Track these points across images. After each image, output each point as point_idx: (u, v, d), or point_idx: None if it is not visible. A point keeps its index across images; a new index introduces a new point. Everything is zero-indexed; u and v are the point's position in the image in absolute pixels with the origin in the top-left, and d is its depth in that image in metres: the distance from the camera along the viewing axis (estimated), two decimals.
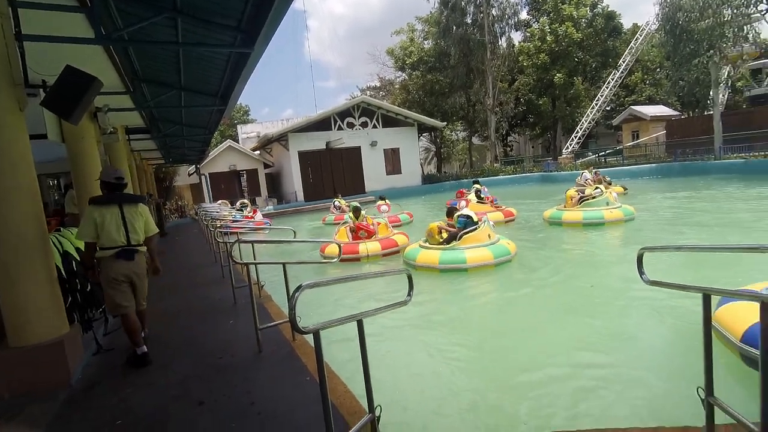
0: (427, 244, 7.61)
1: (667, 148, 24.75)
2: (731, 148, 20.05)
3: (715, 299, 3.45)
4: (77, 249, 4.13)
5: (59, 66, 3.51)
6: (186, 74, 6.48)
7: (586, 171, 15.64)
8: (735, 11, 19.08)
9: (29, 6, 3.27)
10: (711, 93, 22.25)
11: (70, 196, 7.35)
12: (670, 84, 32.48)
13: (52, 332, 3.30)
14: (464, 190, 17.08)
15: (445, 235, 7.73)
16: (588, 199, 10.32)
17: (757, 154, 18.60)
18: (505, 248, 7.27)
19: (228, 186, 26.72)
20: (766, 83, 28.60)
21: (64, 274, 3.82)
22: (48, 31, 3.73)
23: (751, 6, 19.67)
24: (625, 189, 15.18)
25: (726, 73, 22.34)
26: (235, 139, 35.20)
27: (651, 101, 33.88)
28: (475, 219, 7.56)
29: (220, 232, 6.83)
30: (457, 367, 3.93)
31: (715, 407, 2.01)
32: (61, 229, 4.60)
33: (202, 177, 22.80)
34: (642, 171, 21.74)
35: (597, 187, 10.87)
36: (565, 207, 10.66)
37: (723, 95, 25.12)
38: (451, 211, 8.18)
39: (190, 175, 26.81)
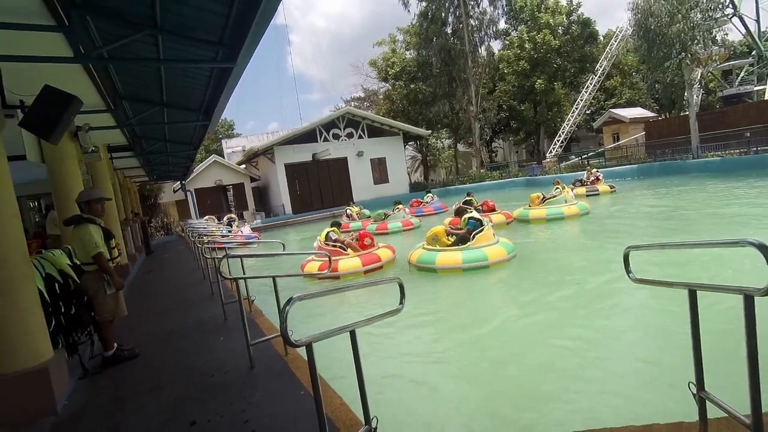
0: (435, 247, 7.78)
1: (647, 149, 25.36)
2: (708, 147, 20.65)
3: None
4: (60, 271, 4.03)
5: (38, 86, 3.46)
6: (168, 90, 6.43)
7: (585, 171, 18.45)
8: (703, 15, 19.82)
9: (6, 27, 3.23)
10: (686, 94, 22.96)
11: (51, 217, 7.19)
12: (646, 87, 33.47)
13: (36, 358, 3.20)
14: (419, 200, 17.73)
15: (451, 239, 8.03)
16: (549, 199, 12.14)
17: (732, 151, 19.17)
18: (511, 245, 7.80)
19: (214, 201, 26.45)
20: (736, 83, 29.68)
21: (47, 297, 3.72)
22: (26, 50, 3.68)
23: (718, 10, 20.46)
24: (613, 188, 16.21)
25: (698, 75, 23.07)
26: (221, 153, 34.98)
27: (631, 104, 34.77)
28: (483, 221, 7.98)
29: (208, 248, 6.74)
30: (456, 371, 3.91)
31: (707, 401, 2.04)
32: (43, 251, 4.48)
33: (188, 193, 22.53)
34: (624, 172, 22.20)
35: (557, 188, 12.56)
36: (529, 207, 12.31)
37: (697, 96, 25.93)
38: (460, 211, 8.55)
39: (175, 191, 26.48)
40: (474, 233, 7.65)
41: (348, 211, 17.06)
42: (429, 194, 18.66)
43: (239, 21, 3.79)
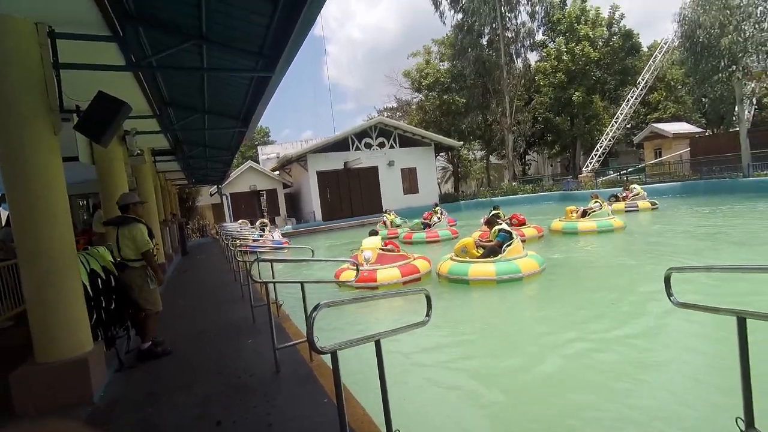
0: (465, 259, 7.73)
1: (692, 166, 24.15)
2: (761, 165, 19.42)
3: None
4: (103, 267, 4.24)
5: (92, 92, 3.68)
6: (210, 98, 6.71)
7: (634, 185, 18.17)
8: (756, 26, 18.79)
9: (67, 37, 3.47)
10: (736, 109, 21.76)
11: (98, 216, 7.60)
12: (692, 101, 31.97)
13: (77, 349, 3.36)
14: (429, 212, 16.90)
15: (480, 251, 7.98)
16: (590, 213, 12.45)
17: None
18: (541, 258, 7.79)
19: (248, 206, 27.21)
20: None
21: (90, 291, 3.92)
22: (83, 59, 3.93)
23: None
24: (654, 205, 15.97)
25: (751, 90, 21.81)
26: (256, 160, 36.02)
27: (676, 119, 33.25)
28: (513, 233, 8.00)
29: (240, 251, 6.92)
30: (483, 386, 3.82)
31: None
32: (89, 247, 4.74)
33: (224, 197, 23.32)
34: (665, 189, 21.21)
35: (596, 202, 12.79)
36: (566, 219, 12.72)
37: (749, 112, 24.47)
38: (491, 222, 8.64)
39: (211, 195, 27.46)
40: (505, 245, 7.61)
41: (385, 218, 17.13)
42: (438, 207, 17.58)
43: (279, 32, 3.92)
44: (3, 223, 7.00)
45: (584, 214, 12.53)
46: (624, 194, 16.91)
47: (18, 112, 3.18)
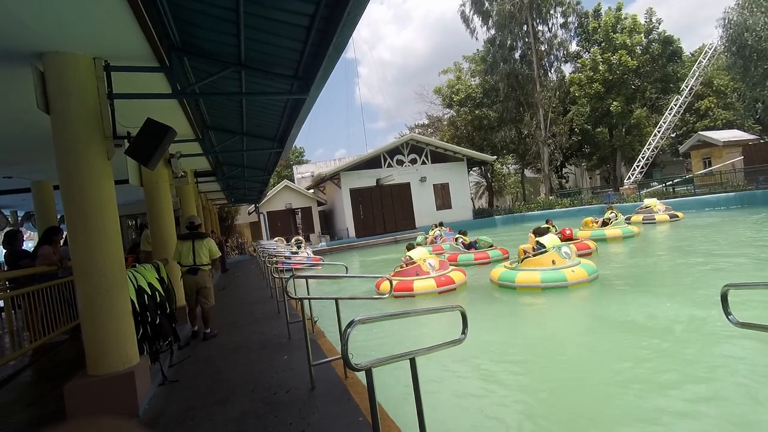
0: (515, 266, 8.45)
1: (747, 175, 22.61)
2: None
3: None
4: (149, 284, 4.45)
5: (141, 118, 3.93)
6: (248, 121, 7.01)
7: (647, 199, 19.40)
8: None
9: (121, 69, 3.76)
10: None
11: (145, 235, 8.02)
12: (744, 107, 30.18)
13: (124, 362, 3.52)
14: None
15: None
16: (613, 222, 14.14)
17: None
18: (558, 275, 7.91)
19: (284, 224, 27.90)
20: None
21: (137, 307, 4.11)
22: (134, 89, 4.23)
23: None
24: (674, 216, 16.85)
25: None
26: (291, 179, 37.02)
27: (729, 126, 31.37)
28: (552, 245, 8.38)
29: (276, 268, 7.06)
30: (522, 405, 3.66)
31: None
32: (137, 265, 4.99)
33: (261, 215, 24.06)
34: (719, 200, 19.94)
35: (612, 212, 14.48)
36: (590, 228, 14.24)
37: None
38: (540, 231, 9.11)
39: (249, 213, 28.39)
40: (524, 257, 8.32)
41: (437, 232, 16.74)
42: (438, 228, 16.78)
43: (312, 56, 4.07)
44: (61, 243, 7.51)
45: (604, 224, 14.20)
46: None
47: (76, 140, 3.44)
